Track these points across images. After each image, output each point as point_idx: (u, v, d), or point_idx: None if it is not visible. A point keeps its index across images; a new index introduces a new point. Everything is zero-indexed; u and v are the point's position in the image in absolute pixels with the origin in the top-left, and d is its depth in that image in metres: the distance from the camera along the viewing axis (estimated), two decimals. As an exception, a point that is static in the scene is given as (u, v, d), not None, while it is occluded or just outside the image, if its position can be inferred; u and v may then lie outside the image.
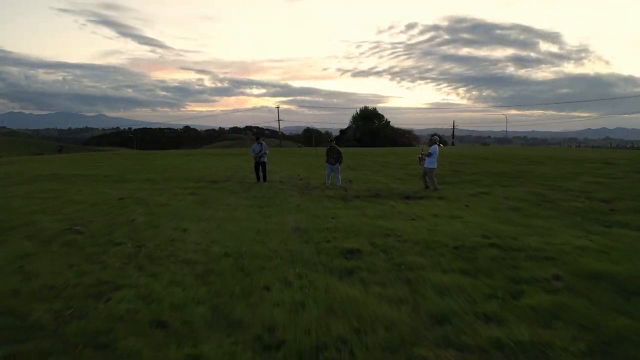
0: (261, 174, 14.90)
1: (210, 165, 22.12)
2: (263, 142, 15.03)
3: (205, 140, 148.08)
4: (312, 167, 21.92)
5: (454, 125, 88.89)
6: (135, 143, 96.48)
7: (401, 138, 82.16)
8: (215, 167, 21.30)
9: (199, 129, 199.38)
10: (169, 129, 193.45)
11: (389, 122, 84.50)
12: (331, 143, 14.63)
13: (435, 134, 13.80)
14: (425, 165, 13.20)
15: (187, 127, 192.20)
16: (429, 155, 13.20)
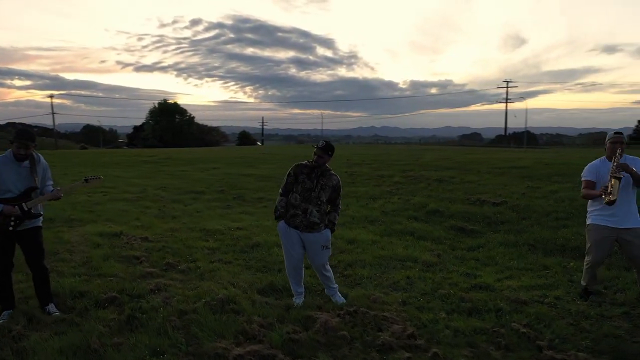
0: (32, 276, 3.66)
1: None
2: (40, 157, 3.77)
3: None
4: (146, 194, 10.54)
5: (263, 122, 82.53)
6: None
7: (208, 136, 73.34)
8: None
9: None
10: None
11: (194, 117, 73.58)
12: (317, 153, 3.97)
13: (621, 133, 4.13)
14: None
15: None
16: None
